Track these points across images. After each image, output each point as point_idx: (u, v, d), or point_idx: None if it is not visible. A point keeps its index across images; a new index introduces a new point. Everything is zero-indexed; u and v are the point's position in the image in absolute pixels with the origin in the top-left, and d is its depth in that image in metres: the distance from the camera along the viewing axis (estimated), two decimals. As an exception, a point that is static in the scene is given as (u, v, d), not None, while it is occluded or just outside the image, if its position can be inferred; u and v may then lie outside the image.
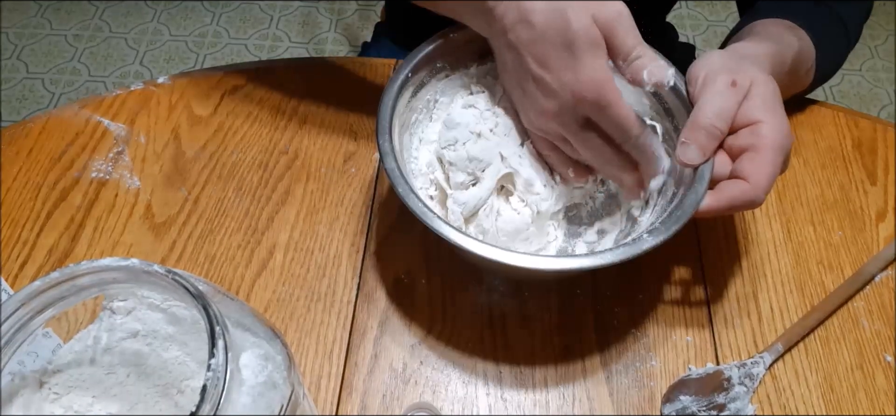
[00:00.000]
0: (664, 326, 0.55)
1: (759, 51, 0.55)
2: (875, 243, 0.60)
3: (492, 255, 0.46)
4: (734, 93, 0.50)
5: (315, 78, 0.71)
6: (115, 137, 0.65)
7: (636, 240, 0.47)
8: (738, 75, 0.50)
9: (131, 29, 1.85)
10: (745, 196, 0.48)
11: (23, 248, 0.58)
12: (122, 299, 0.40)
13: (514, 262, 0.46)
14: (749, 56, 0.54)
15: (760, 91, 0.50)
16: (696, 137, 0.49)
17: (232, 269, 0.57)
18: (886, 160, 0.65)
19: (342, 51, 1.83)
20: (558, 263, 0.48)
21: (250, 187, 0.63)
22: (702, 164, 0.50)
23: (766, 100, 0.50)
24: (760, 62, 0.54)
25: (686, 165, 0.50)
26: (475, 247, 0.46)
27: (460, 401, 0.51)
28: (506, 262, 0.46)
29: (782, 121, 0.49)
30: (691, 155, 0.49)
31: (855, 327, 0.55)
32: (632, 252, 0.46)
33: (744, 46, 0.56)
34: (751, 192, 0.48)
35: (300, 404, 0.38)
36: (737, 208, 0.48)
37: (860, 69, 1.77)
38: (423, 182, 0.56)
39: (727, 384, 0.51)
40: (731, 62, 0.52)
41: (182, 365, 0.40)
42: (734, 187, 0.48)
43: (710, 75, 0.51)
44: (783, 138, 0.49)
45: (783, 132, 0.49)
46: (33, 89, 1.72)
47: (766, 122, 0.49)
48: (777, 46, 0.57)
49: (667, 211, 0.50)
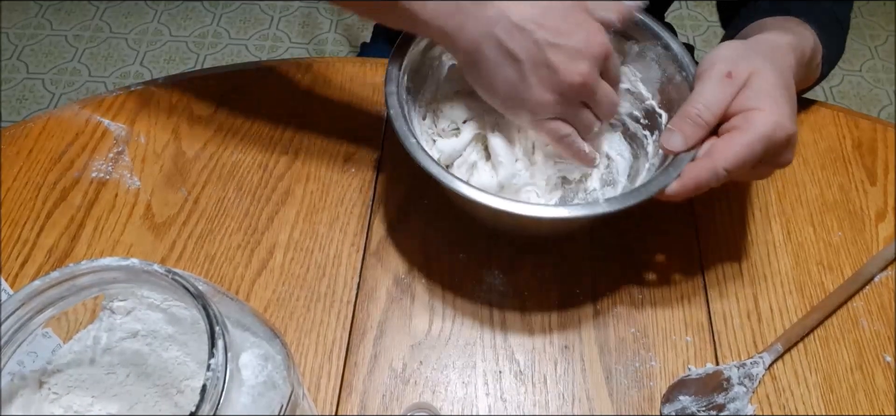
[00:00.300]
0: (664, 326, 0.55)
1: (782, 41, 0.55)
2: (875, 243, 0.60)
3: (458, 187, 0.50)
4: (729, 84, 0.50)
5: (315, 78, 0.71)
6: (115, 137, 0.65)
7: (592, 204, 0.51)
8: (738, 66, 0.51)
9: (131, 29, 1.85)
10: (704, 172, 0.48)
11: (23, 248, 0.58)
12: (121, 299, 0.40)
13: (474, 196, 0.49)
14: (770, 46, 0.54)
15: (759, 81, 0.50)
16: (681, 125, 0.51)
17: (232, 269, 0.57)
18: (886, 160, 0.65)
19: (342, 51, 1.83)
20: (514, 206, 0.49)
21: (250, 187, 0.63)
22: (684, 151, 0.51)
23: (764, 90, 0.50)
24: (783, 52, 0.54)
25: (668, 151, 0.51)
26: (446, 178, 0.50)
27: (460, 401, 0.51)
28: (467, 195, 0.49)
29: (778, 111, 0.49)
30: (674, 142, 0.51)
31: (854, 328, 0.55)
32: (587, 211, 0.49)
33: (767, 37, 0.56)
34: (708, 167, 0.48)
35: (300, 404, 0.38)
36: (702, 185, 0.49)
37: (860, 69, 1.77)
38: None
39: (727, 385, 0.51)
40: (736, 53, 0.52)
41: (182, 365, 0.40)
42: (696, 166, 0.49)
43: (709, 66, 0.52)
44: (771, 128, 0.48)
45: (773, 122, 0.48)
46: (33, 89, 1.72)
47: (758, 109, 0.49)
48: (797, 38, 0.57)
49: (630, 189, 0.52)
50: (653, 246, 0.59)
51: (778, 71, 0.51)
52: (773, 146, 0.49)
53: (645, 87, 0.60)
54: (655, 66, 0.59)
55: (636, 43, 0.60)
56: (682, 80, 0.56)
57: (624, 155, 0.60)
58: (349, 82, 0.70)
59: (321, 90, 0.70)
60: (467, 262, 0.58)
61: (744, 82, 0.50)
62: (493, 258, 0.58)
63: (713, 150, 0.49)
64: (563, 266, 0.58)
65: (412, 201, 0.62)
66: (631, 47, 0.60)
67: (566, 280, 0.57)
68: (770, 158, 0.50)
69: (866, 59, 1.79)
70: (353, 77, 0.71)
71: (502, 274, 0.57)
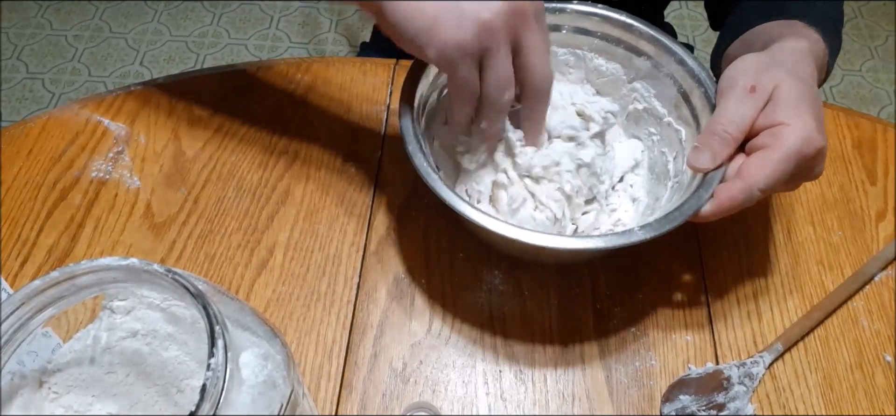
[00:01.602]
0: (664, 325, 0.55)
1: (799, 47, 0.54)
2: (875, 243, 0.60)
3: (471, 215, 0.48)
4: (753, 99, 0.50)
5: (315, 78, 0.71)
6: (115, 137, 0.65)
7: (627, 232, 0.48)
8: (761, 79, 0.50)
9: (131, 29, 1.85)
10: (739, 194, 0.48)
11: (23, 247, 0.58)
12: (121, 299, 0.40)
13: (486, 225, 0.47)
14: (789, 55, 0.53)
15: (784, 94, 0.50)
16: (708, 142, 0.50)
17: (232, 268, 0.57)
18: (886, 160, 0.65)
19: (342, 51, 1.83)
20: (536, 238, 0.48)
21: (250, 187, 0.63)
22: (713, 170, 0.50)
23: (791, 102, 0.49)
24: (804, 60, 0.53)
25: (697, 169, 0.51)
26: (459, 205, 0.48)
27: (460, 401, 0.51)
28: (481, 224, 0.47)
29: (807, 125, 0.48)
30: (703, 160, 0.50)
31: (854, 327, 0.55)
32: (620, 241, 0.47)
33: (784, 46, 0.55)
34: (743, 188, 0.48)
35: (300, 403, 0.38)
36: (736, 206, 0.48)
37: (860, 69, 1.77)
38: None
39: (727, 384, 0.51)
40: (758, 66, 0.52)
41: (182, 365, 0.40)
42: (729, 187, 0.49)
43: (731, 82, 0.51)
44: (801, 143, 0.48)
45: (803, 137, 0.48)
46: (33, 89, 1.72)
47: (786, 124, 0.48)
48: (810, 43, 0.56)
49: (665, 212, 0.50)
50: (653, 245, 0.59)
51: (802, 81, 0.51)
52: (804, 161, 0.48)
53: (660, 103, 0.59)
54: (669, 83, 0.58)
55: (648, 59, 0.59)
56: (702, 95, 0.55)
57: (641, 173, 0.60)
58: (349, 82, 0.70)
59: (321, 90, 0.70)
60: (467, 262, 0.58)
61: (769, 96, 0.50)
62: (493, 258, 0.58)
63: (744, 170, 0.48)
64: (563, 266, 0.58)
65: (412, 201, 0.62)
66: (643, 63, 0.59)
67: (566, 279, 0.57)
68: (802, 173, 0.50)
69: (866, 59, 1.79)
70: (353, 77, 0.71)
71: (502, 274, 0.57)
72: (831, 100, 1.70)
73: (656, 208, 0.56)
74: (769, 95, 0.50)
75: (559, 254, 0.54)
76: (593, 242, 0.48)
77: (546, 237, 0.47)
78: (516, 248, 0.55)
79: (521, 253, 0.57)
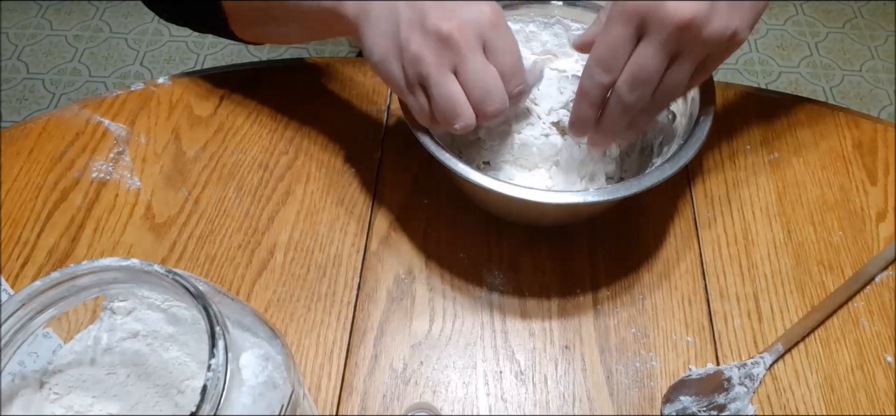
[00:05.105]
0: (664, 326, 0.55)
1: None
2: (875, 243, 0.60)
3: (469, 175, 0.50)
4: (599, 19, 0.50)
5: (315, 78, 0.71)
6: (115, 138, 0.65)
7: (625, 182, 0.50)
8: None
9: (131, 29, 1.85)
10: (581, 81, 0.48)
11: (23, 248, 0.58)
12: (122, 300, 0.40)
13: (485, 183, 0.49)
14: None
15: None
16: (574, 111, 0.51)
17: (232, 269, 0.57)
18: (886, 160, 0.65)
19: (342, 51, 1.83)
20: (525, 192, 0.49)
21: (250, 187, 0.63)
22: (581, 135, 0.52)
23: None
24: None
25: (591, 149, 0.53)
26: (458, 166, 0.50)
27: (460, 401, 0.51)
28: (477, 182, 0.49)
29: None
30: (574, 133, 0.52)
31: (855, 328, 0.55)
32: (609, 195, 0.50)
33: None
34: (584, 73, 0.48)
35: (300, 404, 0.38)
36: (588, 100, 0.49)
37: (860, 69, 1.77)
38: None
39: (727, 385, 0.51)
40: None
41: (182, 365, 0.40)
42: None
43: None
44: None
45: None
46: (33, 89, 1.72)
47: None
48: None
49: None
50: (653, 246, 0.59)
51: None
52: (649, 16, 0.43)
53: None
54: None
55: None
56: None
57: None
58: (349, 82, 0.70)
59: (321, 90, 0.70)
60: (467, 262, 0.58)
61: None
62: (494, 258, 0.58)
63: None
64: (563, 266, 0.58)
65: (412, 202, 0.62)
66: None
67: (567, 280, 0.57)
68: (673, 39, 0.43)
69: (866, 59, 1.79)
70: (353, 77, 0.71)
71: (502, 274, 0.57)
72: (831, 100, 1.70)
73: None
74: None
75: (558, 209, 0.55)
76: (583, 196, 0.49)
77: (541, 193, 0.50)
78: (515, 208, 0.56)
79: (520, 212, 0.58)
